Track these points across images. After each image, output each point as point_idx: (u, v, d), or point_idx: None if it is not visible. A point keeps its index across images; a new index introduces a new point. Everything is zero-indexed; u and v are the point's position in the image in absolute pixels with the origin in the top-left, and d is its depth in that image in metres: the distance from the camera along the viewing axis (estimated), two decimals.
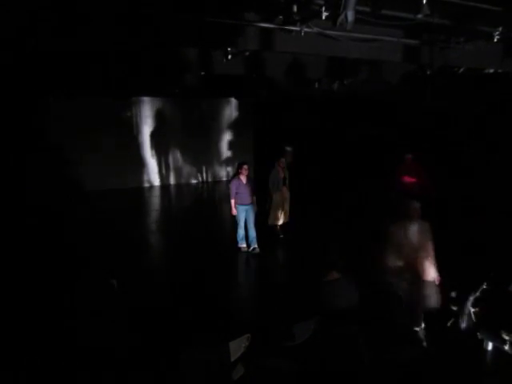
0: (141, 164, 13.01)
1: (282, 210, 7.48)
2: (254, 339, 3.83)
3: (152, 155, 13.10)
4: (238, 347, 3.69)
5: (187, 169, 13.71)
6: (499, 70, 4.94)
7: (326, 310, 3.45)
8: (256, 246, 6.84)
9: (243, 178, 6.65)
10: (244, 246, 6.89)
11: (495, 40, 3.93)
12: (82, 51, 5.23)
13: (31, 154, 10.52)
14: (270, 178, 7.34)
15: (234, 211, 6.70)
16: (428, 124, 7.75)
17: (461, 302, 4.39)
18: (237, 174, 6.77)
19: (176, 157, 13.44)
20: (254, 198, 6.82)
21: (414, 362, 3.81)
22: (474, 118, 6.82)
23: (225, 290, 5.48)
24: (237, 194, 6.61)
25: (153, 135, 12.95)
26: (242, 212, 6.70)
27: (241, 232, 6.83)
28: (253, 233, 6.82)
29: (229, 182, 11.26)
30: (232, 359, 3.60)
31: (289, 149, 7.83)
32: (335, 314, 3.40)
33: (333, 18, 2.96)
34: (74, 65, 6.08)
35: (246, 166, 6.68)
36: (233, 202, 6.66)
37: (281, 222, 7.55)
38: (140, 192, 12.46)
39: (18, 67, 6.06)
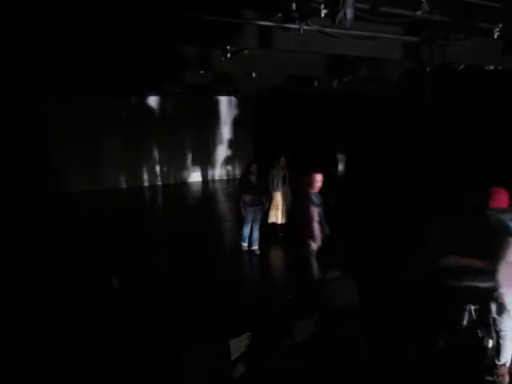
0: (141, 163, 13.02)
1: (282, 209, 7.44)
2: (255, 338, 3.84)
3: (152, 154, 13.10)
4: (238, 346, 3.70)
5: (188, 167, 13.71)
6: (499, 67, 4.92)
7: (326, 308, 3.45)
8: (257, 247, 6.82)
9: (252, 178, 6.57)
10: (245, 245, 6.87)
11: (495, 37, 3.91)
12: (81, 51, 5.22)
13: (31, 153, 10.51)
14: (269, 177, 7.30)
15: (243, 211, 6.60)
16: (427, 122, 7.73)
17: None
18: (246, 173, 6.70)
19: (176, 155, 13.43)
20: (264, 198, 6.75)
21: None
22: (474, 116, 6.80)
23: (225, 289, 5.48)
24: (245, 193, 6.53)
25: (153, 134, 12.95)
26: (250, 212, 6.61)
27: (246, 232, 6.77)
28: (256, 234, 6.78)
29: (233, 180, 11.22)
30: (232, 358, 3.61)
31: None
32: (336, 312, 3.40)
33: (332, 15, 2.95)
34: (73, 64, 6.07)
35: (255, 166, 6.59)
36: (241, 202, 6.57)
37: (281, 221, 7.51)
38: (141, 191, 12.48)
39: (18, 67, 6.05)
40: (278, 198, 7.36)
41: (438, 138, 7.45)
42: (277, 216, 7.47)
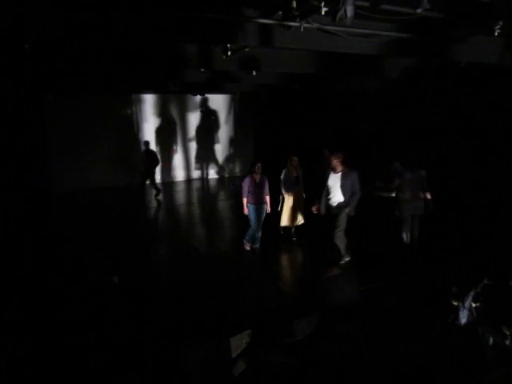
0: (141, 161, 13.01)
1: (295, 211, 7.12)
2: (255, 335, 3.84)
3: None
4: (239, 343, 3.70)
5: (188, 166, 13.71)
6: (500, 64, 4.91)
7: (326, 305, 3.46)
8: (258, 245, 6.76)
9: (256, 177, 6.47)
10: (249, 244, 6.76)
11: (496, 34, 3.90)
12: (81, 49, 5.22)
13: (30, 152, 10.52)
14: (281, 178, 7.03)
15: (246, 210, 6.52)
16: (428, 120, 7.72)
17: (462, 297, 4.40)
18: (250, 172, 6.58)
19: (176, 154, 13.43)
20: (267, 197, 6.64)
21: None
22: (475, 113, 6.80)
23: (226, 287, 5.49)
24: (249, 192, 6.44)
25: (153, 132, 12.95)
26: (254, 211, 6.51)
27: (251, 232, 6.64)
28: (258, 233, 6.69)
29: (234, 179, 11.12)
30: (233, 355, 3.61)
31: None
32: (336, 309, 3.42)
33: (332, 13, 2.95)
34: (73, 62, 6.07)
35: (259, 165, 6.48)
36: (245, 200, 6.46)
37: (295, 223, 7.20)
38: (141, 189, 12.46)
39: (18, 65, 6.06)
40: (291, 199, 7.07)
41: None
42: (290, 219, 7.15)
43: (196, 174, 13.88)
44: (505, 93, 6.12)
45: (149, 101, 12.71)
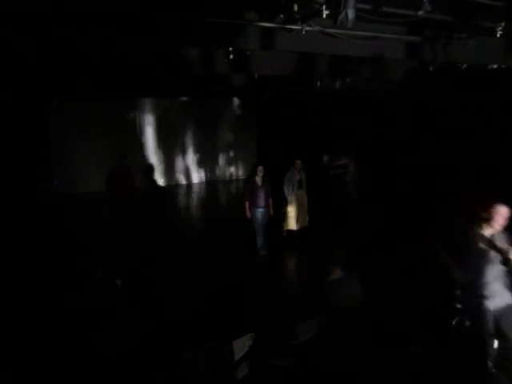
0: (143, 164, 13.00)
1: (298, 214, 7.11)
2: (258, 338, 3.84)
3: (155, 156, 13.14)
4: (241, 346, 3.69)
5: (190, 169, 13.73)
6: (502, 66, 4.89)
7: (329, 308, 3.45)
8: (266, 252, 6.70)
9: (258, 180, 6.48)
10: (266, 252, 6.64)
11: (498, 35, 3.90)
12: (84, 52, 5.25)
13: (34, 154, 10.57)
14: (284, 181, 7.05)
15: (248, 214, 6.53)
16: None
17: (466, 300, 4.37)
18: (252, 175, 6.60)
19: (179, 157, 13.46)
20: (270, 200, 6.64)
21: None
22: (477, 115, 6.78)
23: (228, 290, 5.49)
24: (251, 195, 6.45)
25: (156, 136, 12.99)
26: (257, 214, 6.50)
27: (260, 238, 6.57)
28: (262, 238, 6.67)
29: (237, 181, 11.11)
30: (236, 358, 3.61)
31: None
32: (339, 312, 3.41)
33: (333, 16, 2.96)
34: (76, 66, 6.10)
35: (261, 167, 6.51)
36: (247, 204, 6.47)
37: (298, 227, 7.16)
38: (143, 192, 12.47)
39: (21, 69, 6.10)
40: (294, 203, 7.06)
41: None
42: (293, 222, 7.13)
43: (198, 176, 13.89)
44: (506, 94, 6.10)
45: (151, 104, 12.75)
